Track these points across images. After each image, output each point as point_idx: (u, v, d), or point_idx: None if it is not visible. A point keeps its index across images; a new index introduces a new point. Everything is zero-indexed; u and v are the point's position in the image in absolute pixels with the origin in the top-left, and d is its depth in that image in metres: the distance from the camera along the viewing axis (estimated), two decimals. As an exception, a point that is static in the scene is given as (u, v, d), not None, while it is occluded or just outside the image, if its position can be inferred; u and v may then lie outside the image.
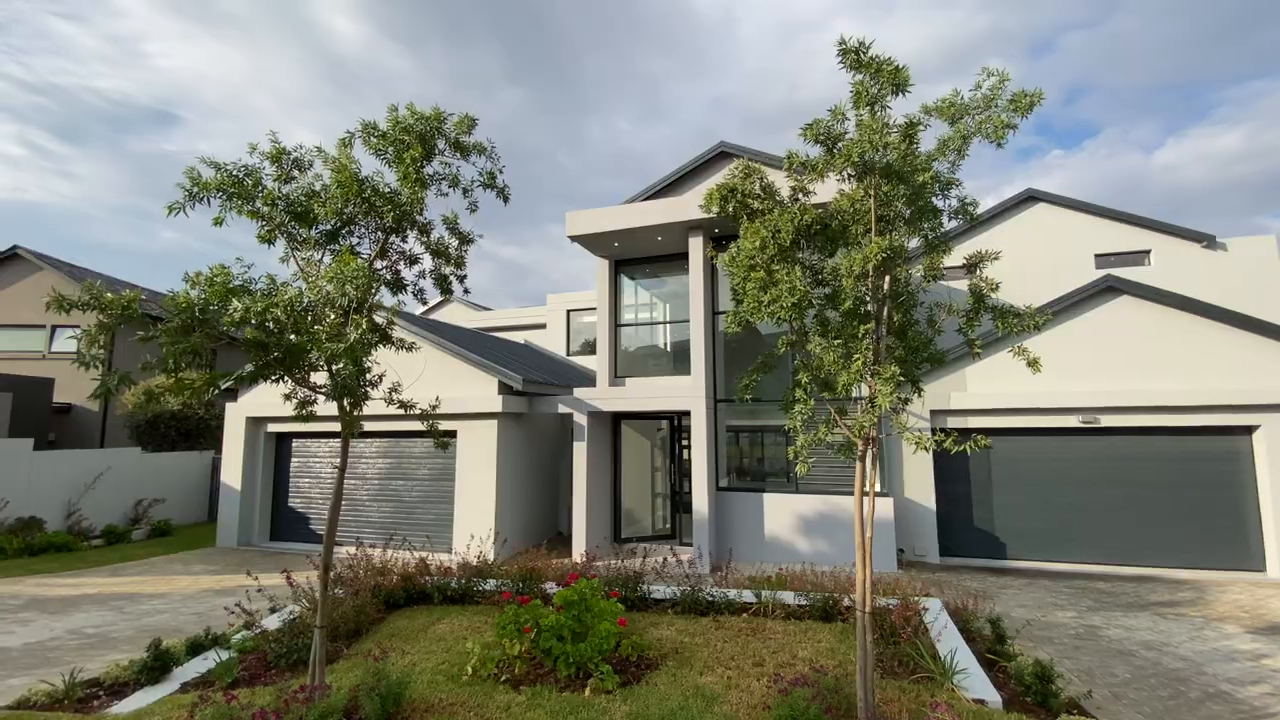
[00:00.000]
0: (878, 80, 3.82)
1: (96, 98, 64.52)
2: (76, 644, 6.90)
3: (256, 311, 3.70)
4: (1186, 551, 10.85)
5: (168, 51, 68.37)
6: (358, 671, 5.10)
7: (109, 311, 3.78)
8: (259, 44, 72.23)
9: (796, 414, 4.08)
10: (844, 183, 4.21)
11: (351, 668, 5.35)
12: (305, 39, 75.83)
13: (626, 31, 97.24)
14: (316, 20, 69.07)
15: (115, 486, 14.55)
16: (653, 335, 14.96)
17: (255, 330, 3.84)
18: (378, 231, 4.60)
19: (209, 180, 4.14)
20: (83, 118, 68.99)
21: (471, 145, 4.65)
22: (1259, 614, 8.51)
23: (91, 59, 62.30)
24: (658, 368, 13.98)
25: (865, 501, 4.16)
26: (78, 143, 74.23)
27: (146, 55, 67.10)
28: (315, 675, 4.17)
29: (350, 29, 70.79)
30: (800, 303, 3.73)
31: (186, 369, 3.99)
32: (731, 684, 4.92)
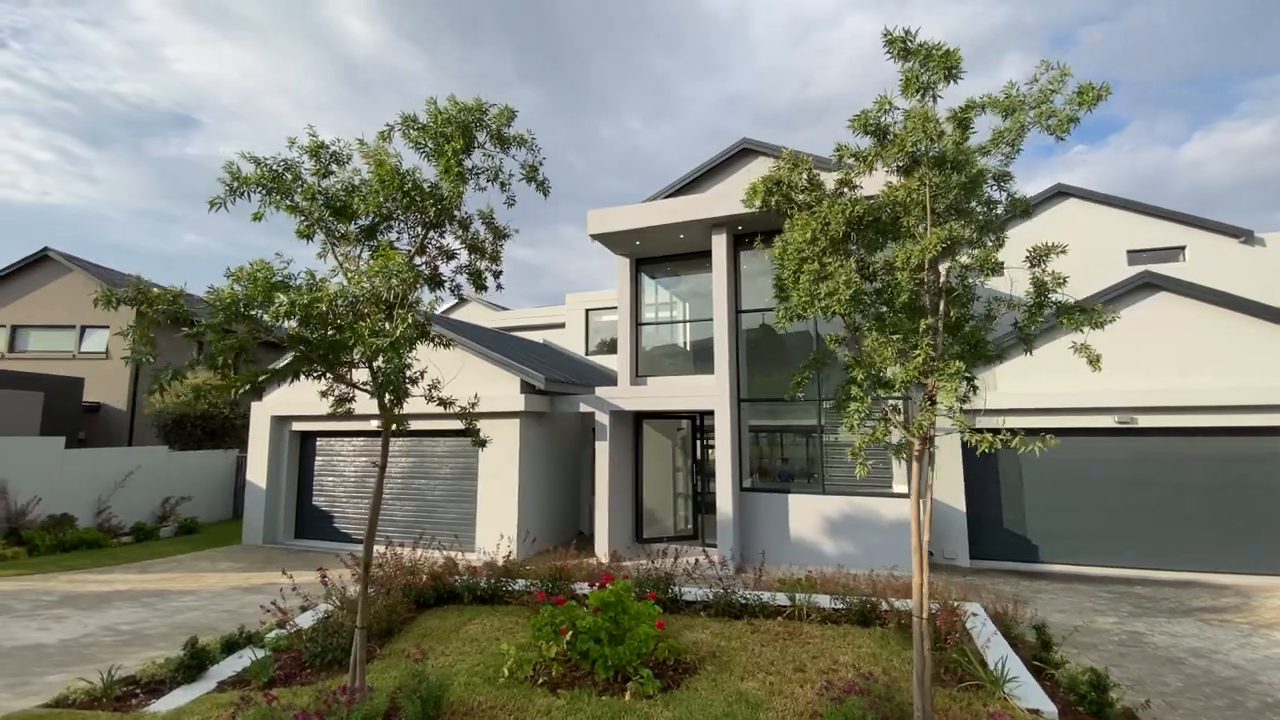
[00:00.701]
0: (928, 66, 3.67)
1: (118, 102, 65.71)
2: (111, 640, 6.94)
3: (302, 305, 3.64)
4: (1228, 556, 10.53)
5: (186, 56, 69.40)
6: (394, 672, 5.06)
7: (155, 306, 3.73)
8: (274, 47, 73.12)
9: (853, 413, 3.95)
10: (892, 175, 4.06)
11: (387, 668, 5.31)
12: (320, 41, 76.64)
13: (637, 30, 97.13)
14: (331, 23, 69.78)
15: (143, 484, 14.72)
16: (672, 334, 14.86)
17: (299, 326, 3.78)
18: (417, 227, 4.53)
19: (249, 175, 4.10)
20: (105, 122, 70.27)
21: (512, 137, 4.56)
22: (1311, 619, 8.22)
23: (112, 64, 63.42)
24: (677, 367, 13.87)
25: (921, 504, 4.02)
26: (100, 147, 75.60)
27: (165, 60, 68.19)
28: (356, 677, 4.12)
29: (365, 31, 71.43)
30: (857, 296, 3.60)
31: (233, 365, 3.95)
32: (774, 690, 4.81)
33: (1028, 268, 3.89)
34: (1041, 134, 3.74)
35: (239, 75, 72.60)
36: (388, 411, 4.39)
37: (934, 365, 3.65)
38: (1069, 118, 3.65)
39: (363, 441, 14.15)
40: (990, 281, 4.07)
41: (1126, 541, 11.02)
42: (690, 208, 12.27)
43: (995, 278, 3.92)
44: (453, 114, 4.27)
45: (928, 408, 3.89)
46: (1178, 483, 11.06)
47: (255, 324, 3.84)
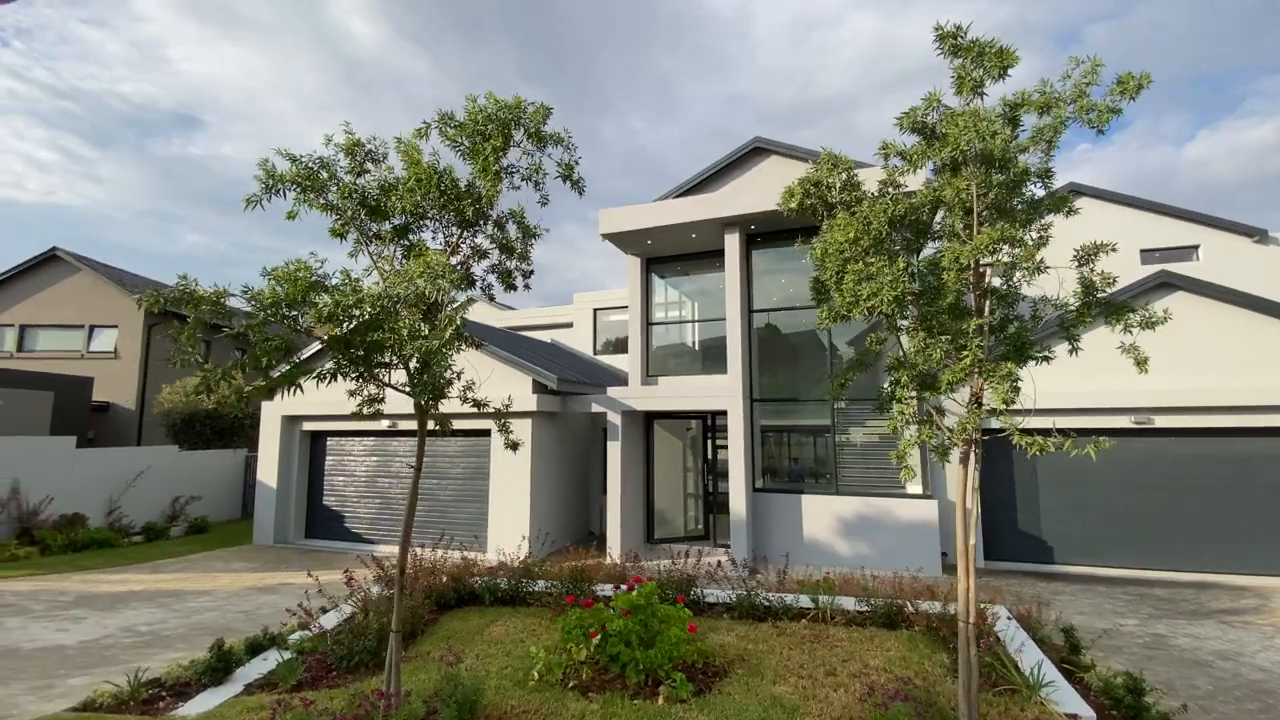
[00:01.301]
0: (980, 64, 3.62)
1: (121, 102, 65.70)
2: (130, 642, 6.91)
3: (347, 306, 3.60)
4: (1245, 557, 10.47)
5: (189, 56, 69.39)
6: (423, 675, 5.03)
7: (201, 307, 3.68)
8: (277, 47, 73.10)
9: (897, 415, 3.90)
10: (936, 173, 4.00)
11: (415, 670, 5.27)
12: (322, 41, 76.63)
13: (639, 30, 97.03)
14: (333, 22, 69.74)
15: (153, 484, 14.70)
16: (681, 334, 14.84)
17: (339, 327, 3.73)
18: (451, 226, 4.49)
19: (284, 173, 4.05)
20: (108, 122, 70.28)
21: (549, 135, 4.51)
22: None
23: (116, 64, 63.38)
24: (685, 367, 13.85)
25: (967, 507, 3.97)
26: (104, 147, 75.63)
27: (169, 60, 68.17)
28: (391, 681, 4.08)
29: (367, 31, 71.41)
30: (902, 296, 3.55)
31: (275, 366, 3.90)
32: (808, 695, 4.76)
33: (1074, 267, 3.84)
34: (1081, 128, 3.68)
35: (242, 75, 72.64)
36: (424, 412, 4.35)
37: (982, 367, 3.60)
38: (1109, 109, 3.59)
39: (374, 441, 14.12)
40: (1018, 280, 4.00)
41: (1142, 542, 10.95)
42: (702, 207, 12.22)
43: (1018, 275, 3.86)
44: (492, 111, 4.22)
45: (975, 410, 3.83)
46: (1194, 483, 10.99)
47: (295, 324, 3.79)
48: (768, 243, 12.92)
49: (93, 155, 70.45)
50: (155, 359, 19.21)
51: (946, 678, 5.09)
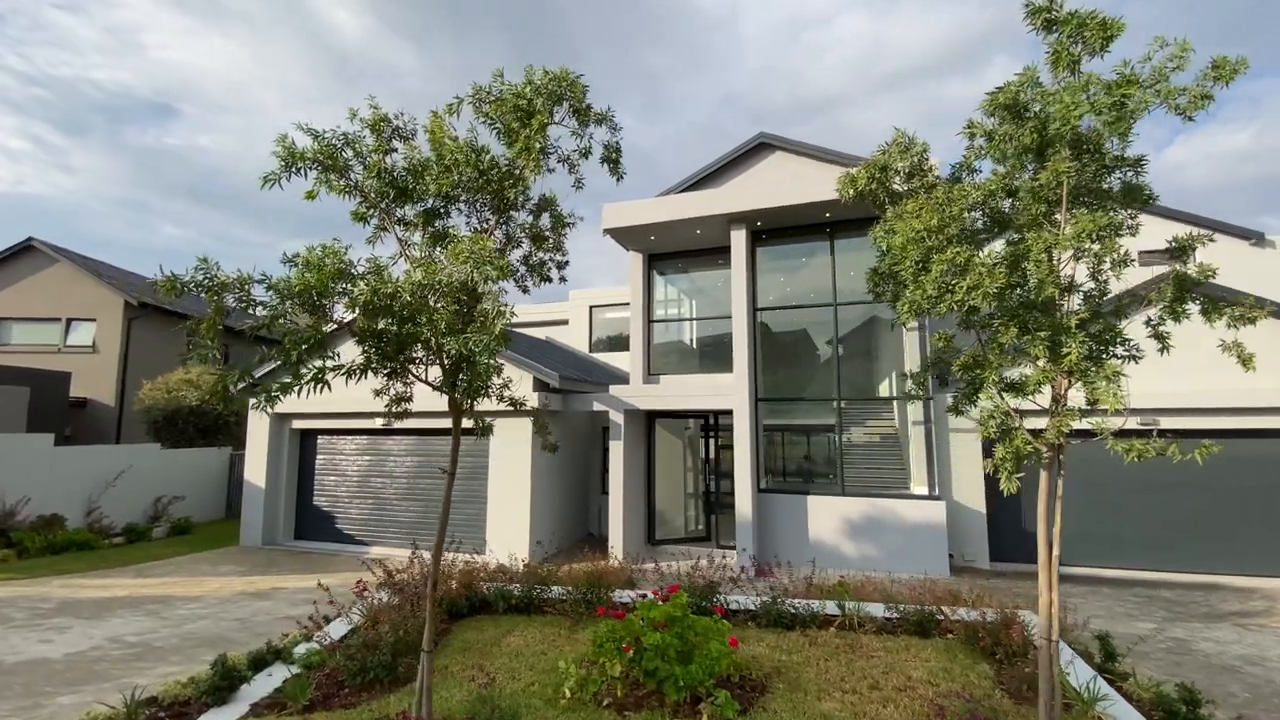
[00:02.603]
0: (1079, 38, 3.37)
1: (95, 90, 63.63)
2: (120, 654, 6.50)
3: (386, 294, 3.28)
4: (1249, 558, 10.48)
5: (167, 43, 67.48)
6: (446, 693, 4.72)
7: (227, 293, 3.32)
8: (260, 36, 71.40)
9: (988, 420, 3.66)
10: (1020, 157, 3.73)
11: (436, 688, 4.93)
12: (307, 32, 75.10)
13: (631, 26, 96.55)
14: (317, 13, 68.30)
15: (135, 483, 14.14)
16: (679, 332, 14.62)
17: (372, 317, 3.41)
18: (485, 211, 4.17)
19: (305, 150, 3.72)
20: (82, 110, 68.08)
21: (593, 113, 4.18)
22: (1345, 625, 8.15)
23: (90, 50, 61.42)
24: (683, 365, 13.64)
25: (1049, 514, 3.74)
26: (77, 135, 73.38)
27: (145, 47, 66.14)
28: (422, 704, 3.77)
29: (351, 22, 70.08)
30: (1006, 289, 3.30)
31: (306, 360, 3.56)
32: (857, 711, 4.54)
33: (1167, 259, 3.64)
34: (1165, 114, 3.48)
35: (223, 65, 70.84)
36: (459, 411, 4.04)
37: (1077, 365, 3.38)
38: (1201, 95, 3.37)
39: (367, 440, 13.70)
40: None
41: (1148, 544, 10.91)
42: (709, 202, 11.98)
43: (1106, 268, 3.65)
44: (540, 84, 3.90)
45: (1065, 410, 3.62)
46: (1200, 485, 10.95)
47: (324, 315, 3.46)
48: (772, 239, 12.73)
49: (65, 144, 68.19)
50: (135, 354, 18.52)
51: (995, 690, 4.91)
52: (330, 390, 3.62)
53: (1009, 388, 3.86)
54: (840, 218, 11.96)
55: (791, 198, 11.33)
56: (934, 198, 3.67)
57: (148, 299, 18.59)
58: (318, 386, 3.50)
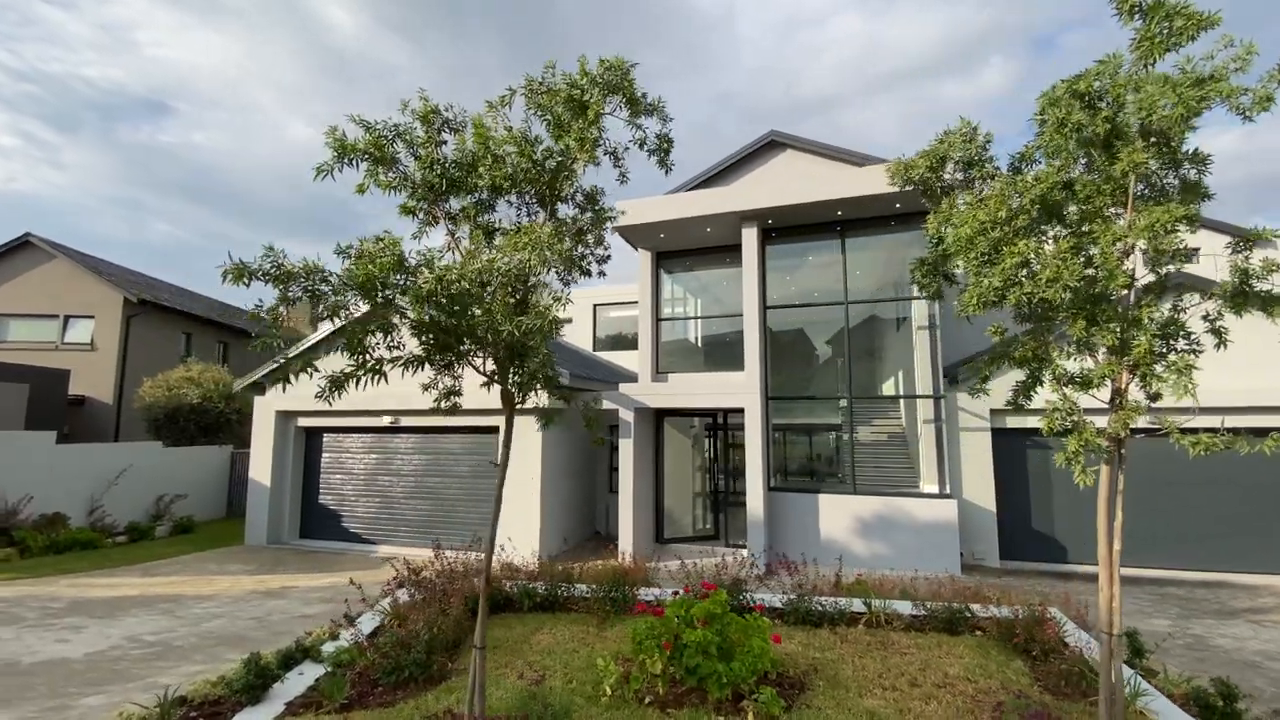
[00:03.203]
0: (1169, 28, 3.33)
1: (87, 86, 62.88)
2: (140, 654, 6.40)
3: (453, 282, 3.22)
4: (1254, 556, 10.57)
5: (161, 40, 66.80)
6: (489, 690, 4.65)
7: (292, 282, 3.26)
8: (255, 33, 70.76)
9: (1054, 413, 3.65)
10: (1085, 148, 3.68)
11: (466, 686, 4.88)
12: (302, 29, 74.52)
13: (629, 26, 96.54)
14: (312, 9, 67.74)
15: (136, 482, 13.98)
16: (684, 330, 14.62)
17: (434, 308, 3.35)
18: (533, 203, 4.11)
19: (357, 143, 3.66)
20: (74, 106, 67.25)
21: (645, 103, 4.12)
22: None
23: (82, 46, 60.67)
24: (687, 364, 13.63)
25: (1111, 510, 3.73)
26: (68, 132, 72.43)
27: (139, 44, 65.49)
28: (475, 702, 3.72)
29: (346, 20, 69.62)
30: (1088, 282, 3.27)
31: (372, 349, 3.50)
32: (902, 709, 4.53)
33: (1228, 254, 3.64)
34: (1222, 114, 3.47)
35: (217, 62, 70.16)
36: (511, 402, 4.00)
37: (1145, 359, 3.37)
38: (1265, 96, 3.36)
39: (374, 438, 13.60)
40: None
41: (1155, 542, 10.98)
42: (722, 200, 11.97)
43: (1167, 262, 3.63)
44: (598, 75, 3.85)
45: (1129, 406, 3.61)
46: (1203, 483, 11.03)
47: (388, 305, 3.40)
48: (782, 238, 12.74)
49: (56, 140, 67.40)
50: (135, 351, 18.29)
51: (1033, 686, 4.91)
52: (387, 382, 3.56)
53: (1069, 381, 3.85)
54: (851, 217, 11.99)
55: (805, 196, 11.33)
56: (998, 189, 3.64)
57: (147, 296, 18.38)
58: (374, 378, 3.45)
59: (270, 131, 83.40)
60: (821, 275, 13.09)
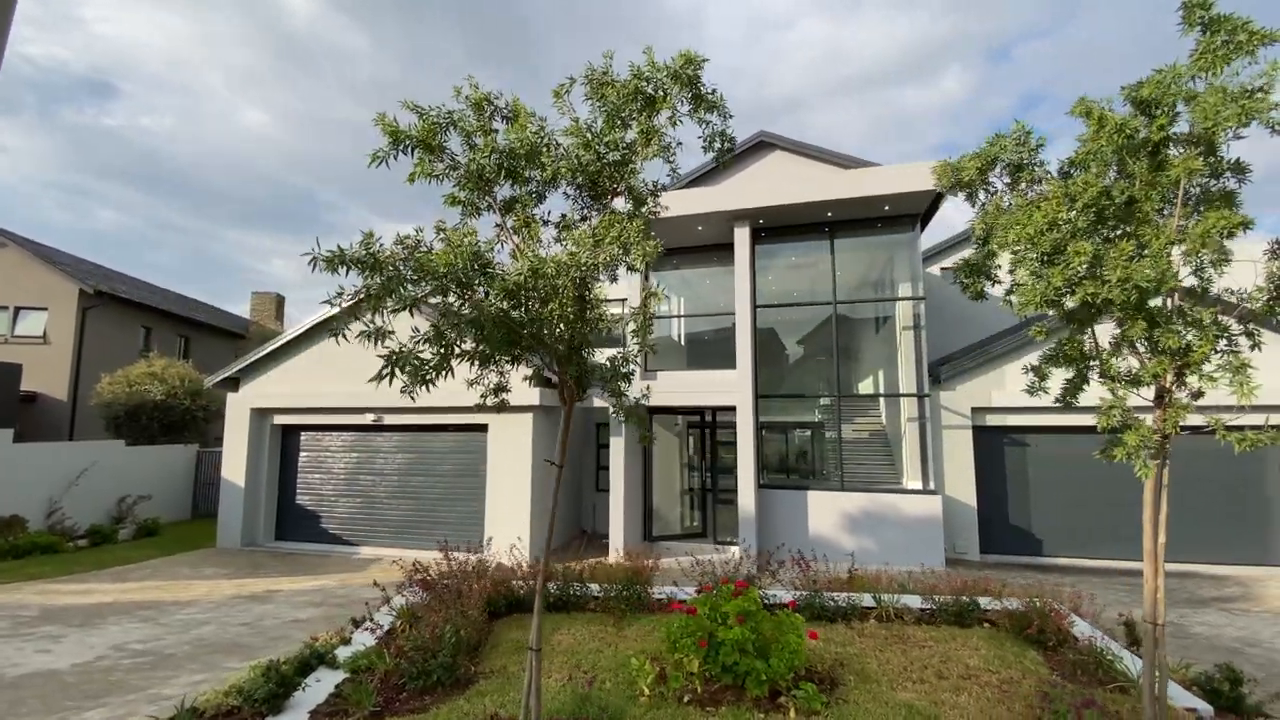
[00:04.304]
0: (1231, 43, 3.45)
1: (27, 65, 59.25)
2: (131, 664, 6.07)
3: (549, 274, 3.12)
4: (1216, 547, 11.10)
5: (106, 17, 63.46)
6: (514, 693, 4.55)
7: (382, 271, 3.10)
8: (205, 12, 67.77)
9: (1114, 412, 3.75)
10: (1133, 154, 3.79)
11: (504, 688, 4.78)
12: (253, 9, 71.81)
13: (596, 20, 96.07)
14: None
15: (97, 483, 13.28)
16: (669, 328, 14.67)
17: (509, 301, 3.24)
18: (586, 197, 4.02)
19: (412, 131, 3.52)
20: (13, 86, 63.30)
21: (707, 98, 4.05)
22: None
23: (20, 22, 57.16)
24: (674, 362, 13.68)
25: (1157, 504, 3.84)
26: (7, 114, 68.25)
27: (84, 20, 62.08)
28: (530, 706, 3.63)
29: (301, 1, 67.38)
30: (1162, 278, 3.36)
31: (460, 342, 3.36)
32: (936, 700, 4.62)
33: (1266, 260, 3.81)
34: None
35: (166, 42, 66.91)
36: (572, 395, 3.92)
37: (1198, 357, 3.49)
38: (1296, 111, 3.52)
39: (355, 436, 13.22)
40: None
41: (1124, 535, 11.40)
42: (715, 198, 12.01)
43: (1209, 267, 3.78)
44: (675, 67, 3.78)
45: (1178, 403, 3.74)
46: (1174, 478, 11.45)
47: (469, 295, 3.27)
48: (772, 238, 12.86)
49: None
50: (91, 345, 17.36)
51: (1052, 675, 5.07)
52: (453, 377, 3.43)
53: (1121, 380, 3.97)
54: (840, 218, 12.18)
55: (798, 196, 11.46)
56: (1059, 190, 3.71)
57: (104, 287, 17.46)
58: (442, 375, 3.32)
59: (222, 116, 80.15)
60: (809, 275, 13.26)
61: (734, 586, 5.08)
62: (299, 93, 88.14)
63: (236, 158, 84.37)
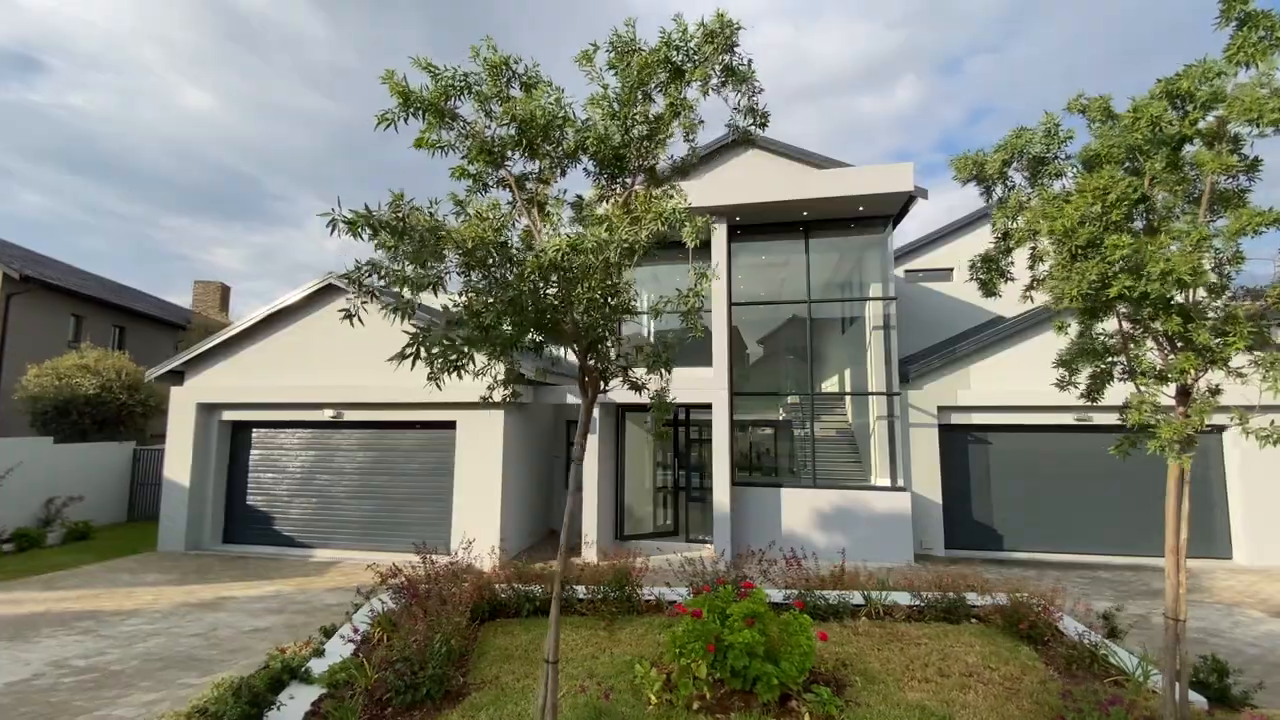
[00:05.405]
0: (1270, 36, 3.46)
1: (-63, 30, 54.48)
2: (74, 682, 5.50)
3: (586, 250, 2.85)
4: (1160, 541, 11.57)
5: (32, -16, 58.89)
6: (516, 706, 4.28)
7: (409, 238, 2.76)
8: (145, -15, 63.66)
9: (1140, 405, 3.72)
10: (1153, 149, 3.78)
11: (499, 701, 4.48)
12: (202, -14, 68.04)
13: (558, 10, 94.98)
14: (217, -34, 61.93)
15: (23, 483, 12.22)
16: (638, 324, 14.48)
17: (547, 278, 2.97)
18: (606, 170, 3.76)
19: (427, 93, 3.20)
20: (-83, 52, 58.04)
21: (738, 70, 3.83)
22: (1261, 599, 9.17)
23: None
24: (640, 358, 13.50)
25: (1180, 500, 3.85)
26: (-90, 82, 62.53)
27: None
28: None
29: (256, -19, 64.16)
30: (1196, 272, 3.32)
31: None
32: (945, 700, 4.56)
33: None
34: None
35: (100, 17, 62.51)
36: (596, 383, 3.68)
37: (1225, 352, 3.50)
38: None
39: (311, 433, 12.54)
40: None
41: (1080, 530, 11.84)
42: (693, 194, 11.80)
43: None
44: (715, 28, 3.54)
45: (1206, 400, 3.75)
46: (1123, 475, 11.94)
47: (494, 273, 2.98)
48: (748, 235, 12.82)
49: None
50: (15, 335, 16.01)
51: (1048, 670, 5.11)
52: (475, 364, 3.14)
53: (1144, 375, 3.98)
54: (816, 217, 12.23)
55: (778, 194, 11.44)
56: (1098, 182, 3.67)
57: (30, 272, 16.13)
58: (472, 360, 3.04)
59: (160, 97, 75.61)
60: (779, 275, 13.30)
61: (740, 587, 4.92)
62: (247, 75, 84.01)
63: (175, 141, 79.87)
